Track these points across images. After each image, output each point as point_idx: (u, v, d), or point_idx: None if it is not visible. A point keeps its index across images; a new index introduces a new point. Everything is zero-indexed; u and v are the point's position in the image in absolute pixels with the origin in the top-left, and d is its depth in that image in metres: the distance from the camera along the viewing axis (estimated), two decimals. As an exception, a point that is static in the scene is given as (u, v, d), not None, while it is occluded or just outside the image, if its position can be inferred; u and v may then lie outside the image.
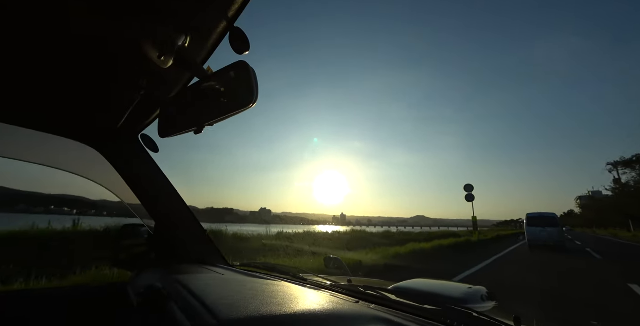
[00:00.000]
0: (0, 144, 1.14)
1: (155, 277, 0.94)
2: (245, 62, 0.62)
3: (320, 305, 0.60)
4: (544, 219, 13.00)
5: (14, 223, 6.80)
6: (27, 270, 4.16)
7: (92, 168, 1.29)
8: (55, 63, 0.77)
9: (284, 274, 1.05)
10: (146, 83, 0.83)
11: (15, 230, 6.45)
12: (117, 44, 0.68)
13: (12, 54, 0.72)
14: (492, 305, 0.82)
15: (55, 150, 1.21)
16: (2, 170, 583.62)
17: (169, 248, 1.27)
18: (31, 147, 1.18)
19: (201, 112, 0.72)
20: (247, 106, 0.61)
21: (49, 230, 6.70)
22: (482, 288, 0.94)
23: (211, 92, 0.69)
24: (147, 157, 1.24)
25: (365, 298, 0.75)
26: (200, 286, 0.68)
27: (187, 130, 0.75)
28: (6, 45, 0.68)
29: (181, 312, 0.57)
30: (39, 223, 6.67)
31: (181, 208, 1.30)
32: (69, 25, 0.63)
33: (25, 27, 0.63)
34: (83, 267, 4.44)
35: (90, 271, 4.29)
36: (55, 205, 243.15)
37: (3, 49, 0.70)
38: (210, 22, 0.62)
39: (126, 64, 0.76)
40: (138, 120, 1.09)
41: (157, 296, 0.67)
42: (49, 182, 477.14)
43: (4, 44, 0.68)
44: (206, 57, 0.71)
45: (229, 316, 0.50)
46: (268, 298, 0.61)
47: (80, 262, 4.90)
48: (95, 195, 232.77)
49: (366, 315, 0.61)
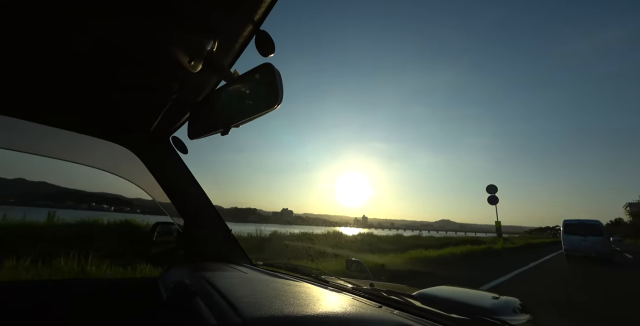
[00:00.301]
0: (47, 146, 1.25)
1: (183, 273, 0.98)
2: (270, 64, 0.63)
3: (343, 308, 0.59)
4: (585, 227, 11.53)
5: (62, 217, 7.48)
6: (70, 260, 4.54)
7: (128, 169, 1.37)
8: (96, 70, 0.82)
9: (306, 275, 1.06)
10: (177, 88, 0.87)
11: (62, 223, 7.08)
12: (151, 50, 0.72)
13: (61, 63, 0.79)
14: (526, 318, 0.77)
15: (96, 151, 1.31)
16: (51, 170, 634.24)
17: (196, 246, 1.32)
18: (75, 148, 1.29)
19: (228, 114, 0.74)
20: (272, 107, 0.62)
21: (89, 224, 7.28)
22: (515, 299, 0.88)
23: (237, 94, 0.71)
24: (177, 158, 1.30)
25: (388, 303, 0.73)
26: (225, 284, 0.70)
27: (215, 131, 0.78)
28: (56, 54, 0.74)
29: (207, 308, 0.58)
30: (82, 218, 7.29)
31: (208, 208, 1.35)
32: (107, 34, 0.67)
33: (68, 35, 0.68)
34: (118, 260, 4.75)
35: (125, 264, 4.57)
36: (96, 203, 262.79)
37: (55, 58, 0.76)
38: (237, 26, 0.64)
39: (159, 70, 0.81)
40: (169, 123, 1.15)
41: (185, 292, 0.70)
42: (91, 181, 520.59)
43: (55, 53, 0.74)
44: (233, 60, 0.73)
45: (253, 315, 0.50)
46: (291, 299, 0.61)
47: (117, 255, 5.25)
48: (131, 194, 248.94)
49: (389, 321, 0.59)
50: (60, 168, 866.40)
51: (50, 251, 4.73)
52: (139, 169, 1.31)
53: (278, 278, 0.97)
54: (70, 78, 0.86)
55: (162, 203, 1.41)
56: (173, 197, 1.32)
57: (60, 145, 1.26)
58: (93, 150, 1.30)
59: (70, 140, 1.21)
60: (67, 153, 1.31)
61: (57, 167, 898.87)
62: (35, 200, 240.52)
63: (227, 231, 1.36)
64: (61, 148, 1.29)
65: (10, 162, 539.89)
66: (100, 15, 0.62)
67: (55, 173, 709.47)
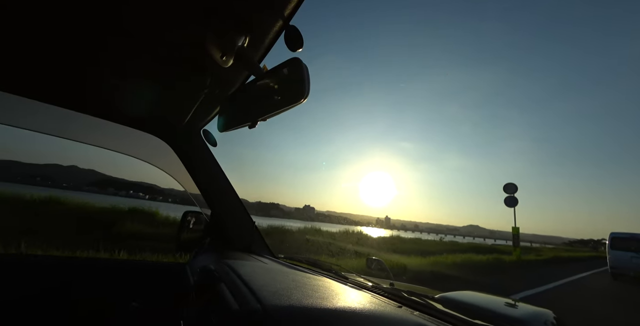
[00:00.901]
0: (95, 136, 1.37)
1: (209, 260, 1.03)
2: (299, 58, 0.64)
3: (362, 305, 0.59)
4: (638, 242, 10.00)
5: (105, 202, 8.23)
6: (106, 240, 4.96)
7: (163, 159, 1.46)
8: (138, 68, 0.88)
9: (326, 270, 1.06)
10: (209, 83, 0.91)
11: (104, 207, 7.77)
12: (186, 46, 0.75)
13: (108, 60, 0.85)
14: None
15: (137, 142, 1.41)
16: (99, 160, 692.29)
17: (221, 236, 1.38)
18: (119, 139, 1.40)
19: (256, 108, 0.76)
20: (298, 101, 0.63)
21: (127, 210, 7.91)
22: (548, 311, 0.83)
23: (266, 89, 0.73)
24: (207, 151, 1.36)
25: (409, 303, 0.71)
26: (248, 272, 0.72)
27: (243, 124, 0.80)
28: (103, 51, 0.81)
29: (230, 294, 0.61)
30: (121, 204, 7.96)
31: (234, 200, 1.40)
32: (146, 34, 0.72)
33: (102, 34, 0.73)
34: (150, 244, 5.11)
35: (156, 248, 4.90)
36: (133, 190, 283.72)
37: (102, 55, 0.83)
38: (268, 21, 0.65)
39: (193, 65, 0.85)
40: (201, 116, 1.21)
41: (211, 277, 0.73)
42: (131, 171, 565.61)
43: (93, 52, 0.81)
44: (263, 55, 0.75)
45: (272, 303, 0.52)
46: (310, 291, 0.62)
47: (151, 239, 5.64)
48: (164, 184, 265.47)
49: (409, 321, 0.58)
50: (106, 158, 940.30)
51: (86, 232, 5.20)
52: (173, 160, 1.39)
53: (298, 271, 0.99)
54: (114, 73, 0.94)
55: (192, 193, 1.49)
56: (202, 188, 1.38)
57: (105, 135, 1.38)
58: (134, 141, 1.40)
59: (114, 131, 1.31)
60: (111, 143, 1.43)
61: (103, 157, 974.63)
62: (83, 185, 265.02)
63: (251, 223, 1.41)
64: (106, 138, 1.40)
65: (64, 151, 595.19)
66: (137, 13, 0.66)
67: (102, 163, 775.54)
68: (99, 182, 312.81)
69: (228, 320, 0.54)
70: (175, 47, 0.76)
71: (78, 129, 1.33)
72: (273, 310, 0.50)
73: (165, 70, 0.89)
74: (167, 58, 0.82)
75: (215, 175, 1.39)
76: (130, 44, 0.76)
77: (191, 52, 0.77)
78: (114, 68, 0.90)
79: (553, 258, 15.06)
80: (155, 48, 0.78)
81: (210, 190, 1.39)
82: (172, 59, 0.82)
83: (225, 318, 0.55)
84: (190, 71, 0.88)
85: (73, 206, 7.60)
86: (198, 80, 0.91)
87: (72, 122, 1.25)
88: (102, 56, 0.84)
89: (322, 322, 0.50)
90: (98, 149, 1.45)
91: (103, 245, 4.74)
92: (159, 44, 0.76)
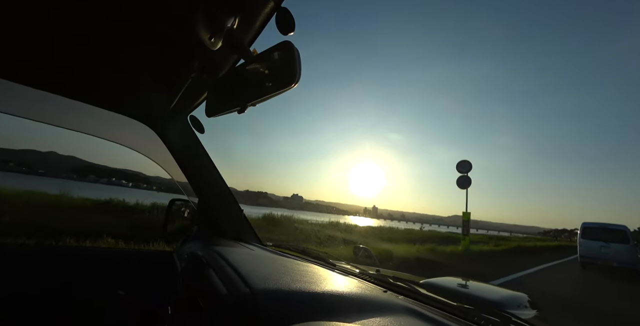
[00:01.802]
0: (74, 120, 1.31)
1: (197, 247, 1.02)
2: (290, 42, 0.62)
3: (349, 289, 0.61)
4: (608, 232, 10.05)
5: (84, 191, 7.93)
6: (90, 230, 4.83)
7: (147, 145, 1.42)
8: (120, 47, 0.84)
9: (314, 257, 1.08)
10: (197, 66, 0.88)
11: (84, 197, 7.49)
12: (172, 27, 0.72)
13: (86, 39, 0.80)
14: (534, 313, 0.76)
15: (120, 127, 1.36)
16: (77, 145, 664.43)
17: (209, 223, 1.37)
18: (101, 123, 1.35)
19: (245, 93, 0.74)
20: (289, 86, 0.62)
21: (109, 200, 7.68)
22: (523, 294, 0.87)
23: (255, 73, 0.71)
24: (194, 138, 1.33)
25: (394, 288, 0.73)
26: (236, 259, 0.72)
27: (232, 110, 0.78)
28: (82, 30, 0.76)
29: (219, 279, 0.61)
30: (103, 193, 7.69)
31: (221, 187, 1.38)
32: (129, 10, 0.68)
33: (91, 10, 0.69)
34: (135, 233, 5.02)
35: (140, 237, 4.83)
36: (116, 178, 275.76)
37: (81, 34, 0.78)
38: (259, 2, 0.63)
39: (180, 47, 0.81)
40: (187, 101, 1.17)
41: (198, 263, 0.73)
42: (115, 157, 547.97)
43: (81, 29, 0.76)
44: (253, 38, 0.72)
45: (261, 287, 0.52)
46: (298, 276, 0.63)
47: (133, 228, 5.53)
48: (150, 172, 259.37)
49: (394, 304, 0.60)
50: (89, 144, 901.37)
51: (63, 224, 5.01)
52: (158, 146, 1.35)
53: (287, 257, 1.00)
54: (95, 53, 0.89)
55: (178, 181, 1.46)
56: (189, 175, 1.36)
57: (87, 120, 1.32)
58: (118, 126, 1.35)
59: (96, 116, 1.26)
60: (93, 128, 1.37)
61: (86, 143, 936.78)
62: (61, 172, 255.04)
63: (239, 210, 1.40)
64: (88, 123, 1.34)
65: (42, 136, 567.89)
66: None
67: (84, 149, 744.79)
68: (80, 168, 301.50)
69: (217, 305, 0.55)
70: (161, 27, 0.73)
71: (60, 113, 1.27)
72: (262, 293, 0.50)
73: (150, 52, 0.85)
74: (151, 39, 0.78)
75: (203, 162, 1.36)
76: (112, 24, 0.72)
77: (177, 33, 0.74)
78: (94, 48, 0.86)
79: (515, 248, 13.11)
80: (139, 28, 0.74)
81: (198, 177, 1.36)
82: (157, 41, 0.78)
83: (214, 302, 0.56)
84: (177, 53, 0.85)
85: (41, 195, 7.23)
86: (185, 63, 0.88)
87: (56, 106, 1.19)
88: (81, 35, 0.79)
89: (310, 305, 0.51)
90: (80, 135, 1.39)
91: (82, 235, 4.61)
92: (143, 24, 0.72)
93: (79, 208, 6.76)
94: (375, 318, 0.51)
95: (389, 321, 0.50)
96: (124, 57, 0.89)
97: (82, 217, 6.06)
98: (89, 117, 1.28)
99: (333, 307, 0.52)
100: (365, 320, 0.49)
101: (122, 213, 7.00)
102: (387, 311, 0.55)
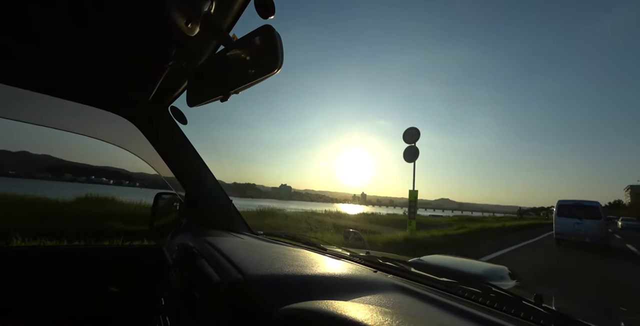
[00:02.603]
0: (47, 116, 1.23)
1: (188, 239, 1.02)
2: (270, 26, 0.60)
3: (340, 271, 0.63)
4: (581, 208, 10.25)
5: (61, 191, 7.59)
6: (70, 231, 4.67)
7: (128, 140, 1.37)
8: (88, 35, 0.79)
9: (305, 243, 1.10)
10: (174, 54, 0.84)
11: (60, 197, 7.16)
12: (145, 12, 0.68)
13: (52, 27, 0.75)
14: (513, 283, 0.81)
15: (96, 121, 1.29)
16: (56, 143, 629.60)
17: (198, 215, 1.36)
18: (75, 118, 1.28)
19: (227, 80, 0.72)
20: (272, 72, 0.60)
21: (89, 197, 7.39)
22: (503, 267, 0.93)
23: (237, 59, 0.69)
24: (177, 129, 1.29)
25: (383, 268, 0.76)
26: (228, 248, 0.73)
27: (214, 98, 0.76)
28: (40, 19, 0.71)
29: (211, 268, 0.61)
30: (80, 192, 7.38)
31: (208, 178, 1.36)
32: None
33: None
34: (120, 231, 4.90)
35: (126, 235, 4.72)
36: (96, 176, 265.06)
37: (46, 22, 0.73)
38: None
39: (155, 34, 0.77)
40: (167, 91, 1.13)
41: (189, 254, 0.73)
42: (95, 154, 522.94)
43: (46, 17, 0.71)
44: (232, 23, 0.70)
45: (254, 273, 0.53)
46: (290, 261, 0.64)
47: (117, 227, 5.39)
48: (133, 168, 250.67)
49: (384, 283, 0.62)
50: (64, 141, 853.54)
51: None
52: (139, 140, 1.31)
53: (278, 244, 1.01)
54: (64, 43, 0.83)
55: (163, 176, 1.43)
56: (174, 168, 1.33)
57: (59, 114, 1.24)
58: (92, 120, 1.28)
59: (69, 110, 1.19)
60: (66, 124, 1.30)
61: (62, 140, 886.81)
62: (35, 172, 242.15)
63: (228, 201, 1.39)
64: (60, 118, 1.27)
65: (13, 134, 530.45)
66: None
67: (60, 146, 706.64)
68: (56, 167, 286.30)
69: (211, 293, 0.55)
70: (134, 13, 0.69)
71: (32, 109, 1.19)
72: (255, 279, 0.51)
73: (123, 40, 0.81)
74: (124, 25, 0.74)
75: (188, 154, 1.33)
76: (80, 10, 0.68)
77: (152, 19, 0.70)
78: (62, 37, 0.80)
79: (478, 230, 11.94)
80: (111, 14, 0.70)
81: (183, 169, 1.34)
82: (131, 27, 0.74)
83: (209, 291, 0.56)
84: (152, 41, 0.81)
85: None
86: (161, 51, 0.84)
87: (26, 101, 1.11)
88: (50, 23, 0.74)
89: (303, 288, 0.52)
90: (54, 131, 1.31)
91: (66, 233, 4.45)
92: (116, 11, 0.68)
93: (48, 209, 6.43)
94: (366, 296, 0.53)
95: (379, 298, 0.53)
96: (95, 46, 0.84)
97: (51, 218, 5.82)
98: (63, 112, 1.21)
99: (326, 288, 0.54)
100: (357, 298, 0.51)
101: (100, 211, 6.76)
102: (378, 290, 0.57)
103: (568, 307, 0.73)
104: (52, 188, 7.82)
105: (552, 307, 0.52)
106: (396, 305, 0.51)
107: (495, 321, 0.46)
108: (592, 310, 0.79)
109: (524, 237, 12.31)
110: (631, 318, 0.68)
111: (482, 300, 0.56)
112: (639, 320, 0.69)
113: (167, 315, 0.74)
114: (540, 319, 0.47)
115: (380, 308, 0.40)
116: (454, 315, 0.49)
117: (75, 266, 1.20)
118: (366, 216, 14.96)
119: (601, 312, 0.78)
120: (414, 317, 0.39)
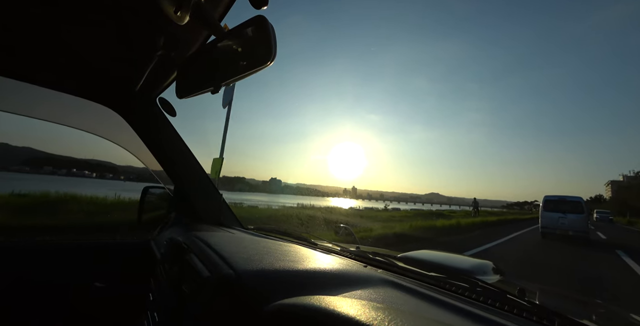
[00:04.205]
0: (30, 106, 1.18)
1: (177, 233, 1.00)
2: (263, 16, 0.59)
3: (330, 266, 0.63)
4: (566, 203, 10.62)
5: (40, 184, 7.26)
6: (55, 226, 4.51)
7: (115, 132, 1.32)
8: (73, 23, 0.75)
9: (296, 238, 1.10)
10: (163, 43, 0.81)
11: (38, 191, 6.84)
12: (133, 0, 0.65)
13: (33, 16, 0.71)
14: (497, 278, 0.83)
15: (82, 112, 1.25)
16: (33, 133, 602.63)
17: (187, 210, 1.33)
18: (60, 108, 1.22)
19: (218, 71, 0.70)
20: (265, 64, 0.59)
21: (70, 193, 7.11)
22: (489, 262, 0.96)
23: (228, 50, 0.67)
24: (166, 121, 1.26)
25: (373, 263, 0.77)
26: (218, 242, 0.72)
27: (204, 90, 0.74)
28: (22, 7, 0.67)
29: (200, 262, 0.61)
30: (63, 186, 7.07)
31: (198, 171, 1.34)
32: None
33: None
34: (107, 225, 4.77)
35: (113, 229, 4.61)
36: (77, 168, 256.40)
37: (25, 12, 0.68)
38: None
39: (143, 22, 0.74)
40: (156, 82, 1.09)
41: (178, 248, 0.72)
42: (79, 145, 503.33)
43: (26, 8, 0.67)
44: (223, 13, 0.67)
45: (245, 267, 0.53)
46: (280, 256, 0.64)
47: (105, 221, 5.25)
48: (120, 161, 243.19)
49: (374, 277, 0.63)
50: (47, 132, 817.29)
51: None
52: (126, 132, 1.26)
53: (269, 239, 1.01)
54: (49, 30, 0.79)
55: (151, 168, 1.39)
56: (162, 160, 1.30)
57: (41, 104, 1.19)
58: (77, 110, 1.24)
59: (52, 100, 1.14)
60: (49, 114, 1.25)
61: (44, 131, 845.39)
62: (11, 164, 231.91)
63: (218, 195, 1.37)
64: (43, 107, 1.22)
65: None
66: None
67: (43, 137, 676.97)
68: (35, 160, 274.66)
69: (201, 288, 0.55)
70: (122, 1, 0.65)
71: (17, 98, 1.13)
72: (246, 273, 0.51)
73: (110, 27, 0.77)
74: (111, 12, 0.70)
75: (177, 147, 1.30)
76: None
77: (141, 7, 0.67)
78: (49, 25, 0.76)
79: (441, 228, 9.54)
80: (98, 2, 0.66)
81: (172, 161, 1.31)
82: (118, 14, 0.71)
83: (198, 286, 0.56)
84: (140, 29, 0.77)
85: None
86: (150, 40, 0.80)
87: (10, 91, 1.05)
88: (32, 11, 0.69)
89: (294, 283, 0.52)
90: (37, 121, 1.25)
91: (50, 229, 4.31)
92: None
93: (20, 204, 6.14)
94: (356, 291, 0.54)
95: (369, 293, 0.53)
96: (81, 33, 0.80)
97: (28, 213, 5.59)
98: (45, 102, 1.16)
99: (316, 283, 0.54)
100: (347, 293, 0.52)
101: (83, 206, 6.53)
102: (368, 284, 0.58)
103: (548, 301, 0.77)
104: (28, 181, 7.46)
105: (535, 301, 0.54)
106: (386, 299, 0.52)
107: (481, 315, 0.48)
108: (571, 303, 0.83)
109: (491, 236, 9.35)
110: (600, 310, 0.75)
111: (469, 294, 0.57)
112: (608, 311, 0.74)
113: (155, 311, 0.73)
114: (523, 312, 0.49)
115: (370, 303, 0.41)
116: (442, 309, 0.50)
117: (60, 261, 1.17)
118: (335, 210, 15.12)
119: (579, 305, 0.82)
120: (404, 312, 0.40)
